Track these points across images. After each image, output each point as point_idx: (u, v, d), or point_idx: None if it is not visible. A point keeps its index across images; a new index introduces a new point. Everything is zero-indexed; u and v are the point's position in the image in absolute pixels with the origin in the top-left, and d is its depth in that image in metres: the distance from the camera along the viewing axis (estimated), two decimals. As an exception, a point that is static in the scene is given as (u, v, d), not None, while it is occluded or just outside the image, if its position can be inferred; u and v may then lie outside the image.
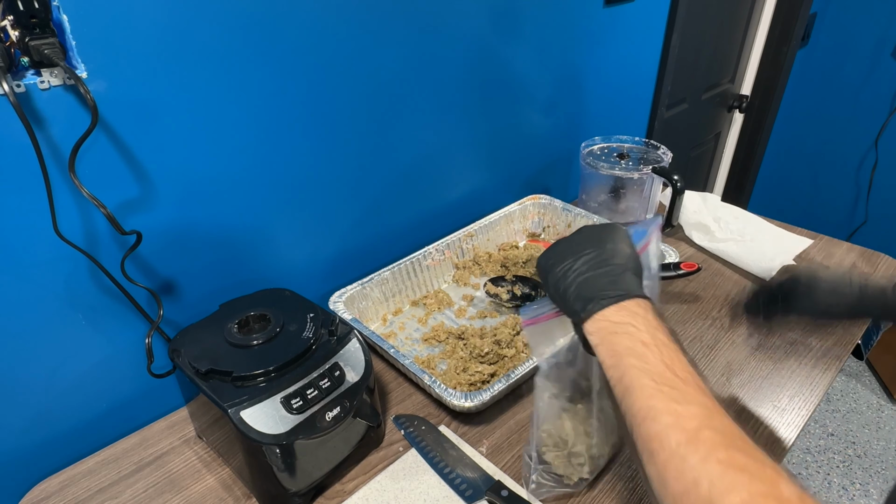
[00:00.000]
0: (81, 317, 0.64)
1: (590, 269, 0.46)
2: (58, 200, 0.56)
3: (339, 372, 0.60)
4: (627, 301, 0.44)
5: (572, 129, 1.24)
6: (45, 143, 0.54)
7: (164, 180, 0.65)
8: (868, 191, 2.12)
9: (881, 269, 0.97)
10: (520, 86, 1.05)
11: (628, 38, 1.26)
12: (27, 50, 0.50)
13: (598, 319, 0.44)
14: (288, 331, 0.62)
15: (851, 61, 2.03)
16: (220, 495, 0.63)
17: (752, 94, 2.01)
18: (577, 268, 0.47)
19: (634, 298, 0.44)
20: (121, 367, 0.69)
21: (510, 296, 0.88)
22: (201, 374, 0.57)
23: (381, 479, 0.63)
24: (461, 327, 0.83)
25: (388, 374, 0.79)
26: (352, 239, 0.90)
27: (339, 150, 0.81)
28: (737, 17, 1.75)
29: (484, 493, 0.60)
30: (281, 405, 0.56)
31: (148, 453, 0.68)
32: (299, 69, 0.71)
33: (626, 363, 0.41)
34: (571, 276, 0.47)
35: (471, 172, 1.06)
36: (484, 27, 0.92)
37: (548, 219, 1.09)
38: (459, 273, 0.98)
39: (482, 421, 0.70)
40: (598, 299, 0.44)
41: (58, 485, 0.64)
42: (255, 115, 0.70)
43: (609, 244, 0.48)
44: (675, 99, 1.61)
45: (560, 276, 0.48)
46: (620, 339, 0.42)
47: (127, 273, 0.63)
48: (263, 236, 0.78)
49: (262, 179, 0.74)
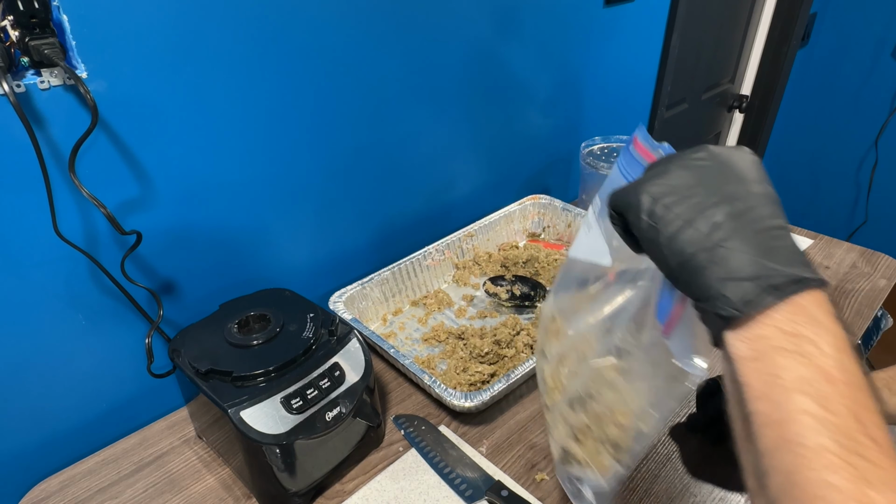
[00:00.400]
0: (81, 317, 0.64)
1: (741, 229, 0.29)
2: (58, 200, 0.56)
3: (339, 372, 0.60)
4: (804, 294, 0.28)
5: (572, 129, 1.24)
6: (45, 143, 0.55)
7: (164, 180, 0.65)
8: (868, 191, 2.12)
9: (881, 269, 0.97)
10: (520, 86, 1.05)
11: (628, 38, 1.26)
12: (27, 50, 0.50)
13: (759, 324, 0.28)
14: (288, 331, 0.62)
15: (851, 61, 2.03)
16: (220, 495, 0.63)
17: (752, 94, 2.01)
18: (718, 221, 0.29)
19: (812, 289, 0.28)
20: (121, 367, 0.69)
21: (509, 295, 0.88)
22: (201, 374, 0.57)
23: (381, 479, 0.63)
24: (461, 327, 0.83)
25: (388, 374, 0.79)
26: (352, 239, 0.90)
27: (340, 150, 0.81)
28: (737, 17, 1.75)
29: (484, 493, 0.60)
30: (281, 405, 0.56)
31: (148, 453, 0.68)
32: (299, 69, 0.71)
33: (794, 405, 0.26)
34: (706, 236, 0.29)
35: (471, 172, 1.06)
36: (484, 28, 0.92)
37: (548, 219, 1.09)
38: (459, 273, 0.98)
39: (482, 421, 0.70)
40: (759, 288, 0.27)
41: (58, 485, 0.64)
42: (256, 115, 0.70)
43: (757, 185, 0.30)
44: (675, 99, 1.61)
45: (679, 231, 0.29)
46: (791, 363, 0.27)
47: (127, 273, 0.63)
48: (263, 236, 0.78)
49: (262, 179, 0.74)
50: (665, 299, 0.35)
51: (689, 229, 0.29)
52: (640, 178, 0.32)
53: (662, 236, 0.30)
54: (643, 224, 0.31)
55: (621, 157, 0.37)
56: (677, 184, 0.30)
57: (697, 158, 0.31)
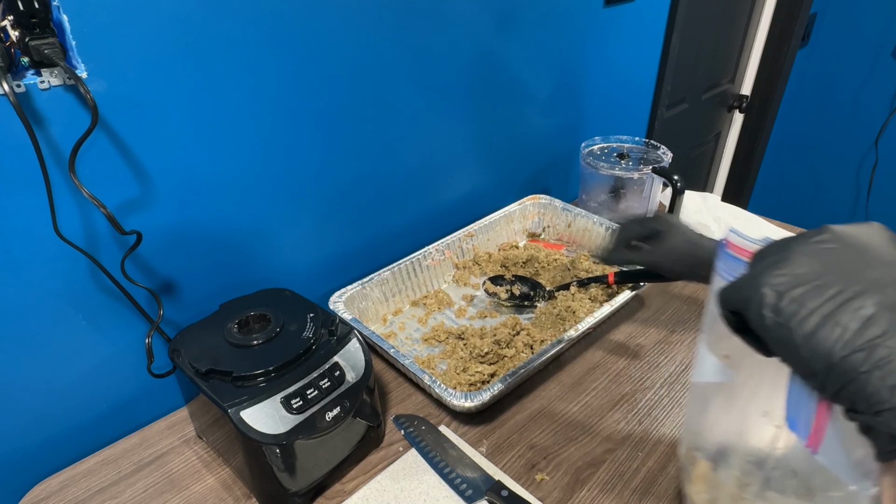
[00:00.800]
0: (81, 317, 0.64)
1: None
2: (58, 200, 0.56)
3: (339, 372, 0.60)
4: None
5: (572, 129, 1.24)
6: (45, 143, 0.55)
7: (164, 180, 0.65)
8: (868, 191, 2.12)
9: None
10: (520, 86, 1.05)
11: (628, 38, 1.26)
12: (27, 50, 0.50)
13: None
14: (288, 331, 0.62)
15: (851, 61, 2.03)
16: (220, 495, 0.63)
17: (752, 94, 2.02)
18: (866, 314, 0.24)
19: None
20: (121, 367, 0.69)
21: (509, 295, 0.89)
22: (201, 374, 0.57)
23: (381, 479, 0.63)
24: (461, 327, 0.83)
25: (388, 374, 0.79)
26: (352, 239, 0.90)
27: (339, 150, 0.81)
28: (737, 17, 1.75)
29: (484, 493, 0.60)
30: (281, 405, 0.56)
31: (148, 453, 0.68)
32: (300, 69, 0.71)
33: None
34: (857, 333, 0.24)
35: (471, 172, 1.06)
36: (484, 27, 0.92)
37: (548, 219, 1.09)
38: (459, 273, 0.98)
39: (482, 421, 0.70)
40: None
41: (58, 485, 0.64)
42: (256, 115, 0.70)
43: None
44: (675, 99, 1.61)
45: (818, 329, 0.25)
46: None
47: (127, 273, 0.63)
48: (263, 236, 0.78)
49: (262, 179, 0.74)
50: (796, 405, 0.30)
51: (832, 326, 0.25)
52: (752, 268, 0.28)
53: (797, 336, 0.26)
54: (768, 322, 0.26)
55: (720, 263, 0.34)
56: (804, 272, 0.26)
57: (821, 241, 0.27)
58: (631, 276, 0.84)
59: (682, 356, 0.80)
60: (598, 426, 0.69)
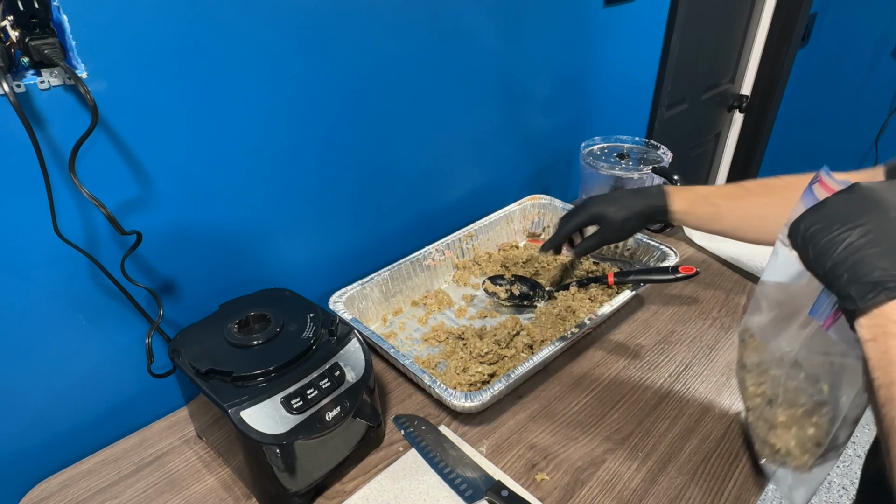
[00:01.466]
0: (82, 317, 0.64)
1: (868, 245, 0.38)
2: (58, 200, 0.56)
3: (339, 372, 0.60)
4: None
5: (572, 129, 1.24)
6: (45, 143, 0.55)
7: (164, 180, 0.65)
8: (868, 191, 2.12)
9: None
10: (520, 86, 1.05)
11: (628, 38, 1.26)
12: (27, 50, 0.50)
13: (876, 315, 0.37)
14: (288, 331, 0.62)
15: (851, 61, 2.03)
16: (220, 495, 0.63)
17: (752, 94, 2.02)
18: (851, 241, 0.39)
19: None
20: (121, 367, 0.69)
21: (508, 295, 0.89)
22: (201, 374, 0.57)
23: (381, 479, 0.63)
24: (461, 327, 0.83)
25: (388, 374, 0.79)
26: (352, 239, 0.90)
27: (339, 151, 0.81)
28: (737, 17, 1.75)
29: (484, 493, 0.60)
30: (281, 405, 0.56)
31: (148, 453, 0.68)
32: (300, 69, 0.71)
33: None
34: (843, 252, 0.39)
35: (471, 172, 1.06)
36: (484, 28, 0.92)
37: (548, 219, 1.09)
38: (459, 273, 0.98)
39: (482, 421, 0.70)
40: (879, 289, 0.37)
41: (58, 485, 0.64)
42: (256, 115, 0.70)
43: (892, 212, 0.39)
44: (675, 99, 1.61)
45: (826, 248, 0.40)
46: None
47: (127, 273, 0.63)
48: (263, 236, 0.78)
49: (262, 179, 0.74)
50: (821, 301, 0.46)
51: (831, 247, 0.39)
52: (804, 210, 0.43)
53: (811, 253, 0.41)
54: (799, 244, 0.42)
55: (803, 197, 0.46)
56: (827, 213, 0.41)
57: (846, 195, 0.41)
58: (631, 276, 0.84)
59: (682, 356, 0.80)
60: (598, 426, 0.69)
